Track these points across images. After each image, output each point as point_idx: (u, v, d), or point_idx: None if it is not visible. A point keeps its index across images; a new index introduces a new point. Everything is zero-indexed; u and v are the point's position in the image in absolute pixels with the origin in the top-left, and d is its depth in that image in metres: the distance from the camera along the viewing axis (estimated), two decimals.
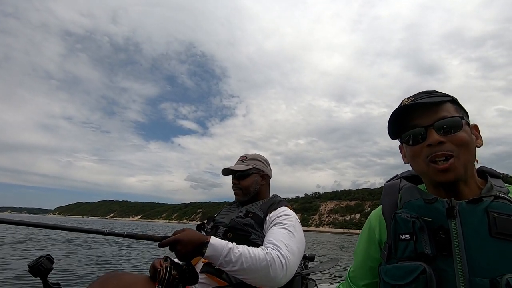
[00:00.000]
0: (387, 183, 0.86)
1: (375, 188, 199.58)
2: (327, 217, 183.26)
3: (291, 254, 1.09)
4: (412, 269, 0.63)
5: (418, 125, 0.71)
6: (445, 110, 0.70)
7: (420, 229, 0.65)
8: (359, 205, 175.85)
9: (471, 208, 0.63)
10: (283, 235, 1.15)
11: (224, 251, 1.02)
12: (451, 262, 0.61)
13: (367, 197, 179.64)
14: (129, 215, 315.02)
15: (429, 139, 0.68)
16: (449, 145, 0.67)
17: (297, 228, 1.24)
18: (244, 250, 1.04)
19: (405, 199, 0.73)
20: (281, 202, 1.40)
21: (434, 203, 0.67)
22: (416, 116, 0.72)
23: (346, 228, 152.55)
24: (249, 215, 1.33)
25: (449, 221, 0.63)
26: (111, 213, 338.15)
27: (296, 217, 1.31)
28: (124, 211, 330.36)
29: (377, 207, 0.85)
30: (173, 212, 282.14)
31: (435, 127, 0.68)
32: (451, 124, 0.68)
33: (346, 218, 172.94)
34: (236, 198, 1.50)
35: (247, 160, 1.53)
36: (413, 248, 0.65)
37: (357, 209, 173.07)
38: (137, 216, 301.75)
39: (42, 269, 1.00)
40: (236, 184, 1.48)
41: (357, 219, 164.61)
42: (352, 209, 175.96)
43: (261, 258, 1.02)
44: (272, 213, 1.30)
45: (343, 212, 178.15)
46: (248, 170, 1.48)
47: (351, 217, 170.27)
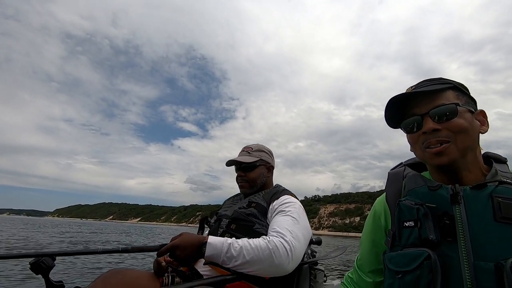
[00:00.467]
0: (391, 171, 0.86)
1: (374, 191, 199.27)
2: (326, 220, 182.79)
3: (296, 241, 1.08)
4: (416, 255, 0.63)
5: (416, 113, 0.73)
6: (444, 97, 0.71)
7: (425, 215, 0.65)
8: (358, 208, 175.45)
9: (475, 193, 0.63)
10: (287, 222, 1.14)
11: (224, 247, 1.01)
12: (455, 247, 0.61)
13: (367, 200, 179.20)
14: (128, 217, 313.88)
15: (424, 127, 0.70)
16: (445, 132, 0.69)
17: (301, 214, 1.23)
18: (244, 243, 1.03)
19: (409, 186, 0.74)
20: (284, 191, 1.38)
21: (438, 189, 0.67)
22: (414, 104, 0.74)
23: (346, 231, 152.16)
24: (252, 205, 1.31)
25: (454, 207, 0.64)
26: (110, 215, 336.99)
27: (300, 204, 1.30)
28: (123, 213, 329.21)
29: None
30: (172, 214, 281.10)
31: (431, 115, 0.70)
32: (446, 111, 0.69)
33: (345, 221, 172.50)
34: (241, 190, 1.47)
35: (253, 152, 1.49)
36: (417, 234, 0.65)
37: (356, 212, 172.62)
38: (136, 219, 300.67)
39: (44, 266, 0.99)
40: (242, 177, 1.44)
41: (357, 222, 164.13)
42: (351, 212, 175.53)
43: (263, 248, 1.01)
44: (275, 202, 1.29)
45: (343, 215, 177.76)
46: (255, 162, 1.45)
47: (351, 220, 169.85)
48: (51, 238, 10.21)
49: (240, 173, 1.46)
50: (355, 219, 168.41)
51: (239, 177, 1.46)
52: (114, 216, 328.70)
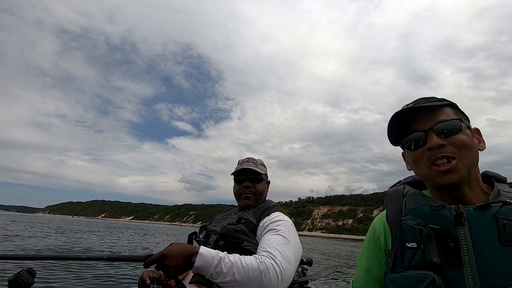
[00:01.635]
0: (391, 189, 0.83)
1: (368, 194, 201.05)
2: (319, 221, 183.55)
3: (286, 262, 1.04)
4: (420, 279, 0.61)
5: (418, 129, 0.71)
6: (444, 114, 0.71)
7: (428, 237, 0.63)
8: (351, 210, 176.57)
9: (479, 214, 0.61)
10: (277, 242, 1.11)
11: (215, 261, 0.97)
12: (461, 271, 0.59)
13: (360, 203, 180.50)
14: (120, 215, 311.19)
15: (429, 142, 0.68)
16: (450, 148, 0.67)
17: (292, 234, 1.19)
18: (235, 260, 0.99)
19: (410, 205, 0.71)
20: (275, 207, 1.35)
21: (441, 210, 0.65)
22: (415, 121, 0.72)
23: (339, 233, 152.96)
24: (241, 221, 1.28)
25: (458, 228, 0.62)
26: (102, 213, 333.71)
27: (291, 222, 1.27)
28: (116, 211, 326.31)
29: (369, 213, 1.36)
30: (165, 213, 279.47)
31: (435, 130, 0.69)
32: (450, 127, 0.68)
33: (338, 223, 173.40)
34: (244, 202, 1.40)
35: (259, 165, 1.46)
36: (420, 256, 0.63)
37: (349, 215, 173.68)
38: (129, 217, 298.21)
39: (22, 283, 0.95)
40: (250, 188, 1.40)
41: (350, 224, 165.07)
42: (344, 215, 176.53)
43: (254, 268, 0.97)
44: (265, 219, 1.26)
45: (336, 217, 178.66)
46: (263, 175, 1.43)
47: (344, 222, 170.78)
48: (39, 246, 9.89)
49: (247, 184, 1.40)
50: (347, 221, 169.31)
51: (245, 188, 1.40)
52: (107, 214, 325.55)
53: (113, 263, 0.99)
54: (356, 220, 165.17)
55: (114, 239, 15.98)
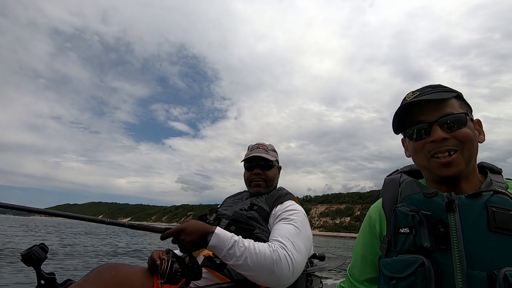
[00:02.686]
0: (388, 177, 0.86)
1: (365, 192, 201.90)
2: (317, 220, 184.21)
3: (297, 253, 1.04)
4: (411, 262, 0.64)
5: (423, 121, 0.72)
6: (450, 106, 0.71)
7: (420, 222, 0.65)
8: (349, 208, 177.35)
9: (470, 202, 0.64)
10: (290, 231, 1.10)
11: (230, 243, 0.98)
12: (449, 255, 0.62)
13: (357, 201, 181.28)
14: (118, 217, 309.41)
15: (432, 135, 0.69)
16: (452, 141, 0.68)
17: (304, 224, 1.19)
18: (249, 245, 1.00)
19: (405, 193, 0.74)
20: (288, 195, 1.34)
21: (433, 197, 0.68)
22: (420, 111, 0.72)
23: (336, 231, 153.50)
24: (253, 208, 1.26)
25: (448, 215, 0.65)
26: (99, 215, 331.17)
27: (304, 212, 1.26)
28: (113, 213, 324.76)
29: (366, 210, 0.86)
30: (163, 214, 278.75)
31: (439, 123, 0.69)
32: (456, 121, 0.69)
33: (336, 221, 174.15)
34: (255, 189, 1.39)
35: (269, 151, 1.45)
36: (412, 241, 0.66)
37: (347, 213, 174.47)
38: (126, 218, 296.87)
39: (35, 258, 0.97)
40: (260, 175, 1.38)
41: (347, 222, 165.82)
42: (342, 213, 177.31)
43: (266, 256, 0.98)
44: (278, 207, 1.25)
45: (333, 216, 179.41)
46: (274, 161, 1.42)
47: (341, 221, 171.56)
48: (51, 224, 9.93)
49: (258, 171, 1.39)
50: (345, 219, 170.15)
51: (255, 175, 1.39)
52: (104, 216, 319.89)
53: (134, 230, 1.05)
54: (353, 218, 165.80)
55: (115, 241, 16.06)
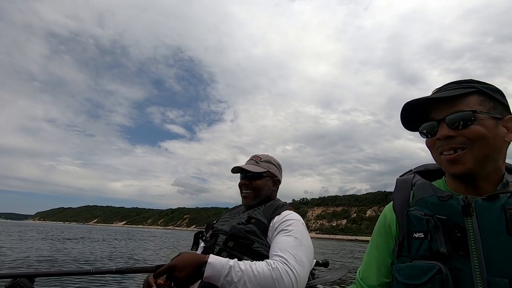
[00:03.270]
0: (400, 178, 0.83)
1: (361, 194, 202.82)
2: (314, 223, 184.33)
3: (300, 266, 1.01)
4: (427, 269, 0.62)
5: (433, 118, 0.71)
6: (464, 103, 0.68)
7: (435, 227, 0.63)
8: (345, 211, 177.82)
9: (487, 205, 0.61)
10: (290, 244, 1.07)
11: (225, 270, 0.95)
12: (468, 261, 0.60)
13: (354, 203, 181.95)
14: (113, 220, 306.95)
15: (438, 133, 0.69)
16: (460, 139, 0.66)
17: (304, 234, 1.15)
18: (246, 268, 0.96)
19: (418, 195, 0.72)
20: (285, 205, 1.32)
21: (448, 200, 0.65)
22: (434, 108, 0.72)
23: (333, 233, 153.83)
24: (251, 221, 1.22)
25: (465, 219, 0.62)
26: (94, 219, 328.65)
27: (302, 221, 1.23)
28: (108, 216, 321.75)
29: (362, 213, 1.14)
30: (159, 217, 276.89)
31: (446, 121, 0.68)
32: (461, 119, 0.67)
33: (332, 223, 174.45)
34: (244, 201, 1.38)
35: (261, 162, 1.42)
36: (427, 247, 0.63)
37: (343, 215, 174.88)
38: (122, 222, 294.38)
39: None
40: (247, 185, 1.36)
41: (344, 225, 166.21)
42: (338, 215, 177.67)
43: (266, 276, 0.94)
44: (276, 218, 1.22)
45: (330, 218, 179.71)
46: (262, 172, 1.37)
47: (338, 223, 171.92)
48: (38, 248, 9.58)
49: (245, 182, 1.37)
50: (341, 222, 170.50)
51: (243, 185, 1.38)
52: (99, 220, 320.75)
53: (123, 276, 1.02)
54: (350, 220, 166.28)
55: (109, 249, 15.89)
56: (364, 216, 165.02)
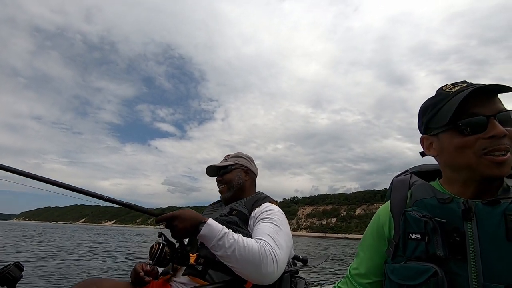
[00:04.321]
0: (396, 178, 0.82)
1: (350, 193, 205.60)
2: (304, 221, 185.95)
3: (279, 249, 1.07)
4: (423, 270, 0.61)
5: (478, 113, 0.64)
6: (500, 102, 0.65)
7: (433, 230, 0.62)
8: (335, 209, 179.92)
9: (488, 210, 0.60)
10: (270, 229, 1.14)
11: (220, 234, 1.01)
12: (465, 266, 0.59)
13: (343, 202, 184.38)
14: (102, 220, 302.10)
15: (493, 129, 0.62)
16: (508, 140, 0.63)
17: (283, 222, 1.22)
18: (239, 238, 1.03)
19: (416, 196, 0.71)
20: (266, 198, 1.38)
21: (449, 203, 0.64)
22: (473, 103, 0.64)
23: (323, 232, 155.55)
24: (233, 213, 1.30)
25: (465, 223, 0.61)
26: (82, 218, 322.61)
27: (282, 211, 1.30)
28: (97, 216, 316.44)
29: (352, 211, 1.06)
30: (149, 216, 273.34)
31: (499, 118, 0.63)
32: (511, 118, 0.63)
33: (322, 222, 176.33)
34: (222, 196, 1.48)
35: (230, 158, 1.55)
36: (424, 248, 0.63)
37: (333, 214, 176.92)
38: (111, 221, 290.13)
39: (10, 278, 0.94)
40: (220, 180, 1.48)
41: (333, 223, 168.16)
42: (328, 214, 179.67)
43: (254, 250, 1.01)
44: (257, 209, 1.29)
45: (320, 217, 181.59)
46: (230, 165, 1.49)
47: (328, 221, 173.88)
48: (27, 239, 9.51)
49: (218, 178, 1.49)
50: (331, 220, 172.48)
51: (217, 182, 1.49)
52: (87, 219, 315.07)
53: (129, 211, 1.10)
54: (340, 218, 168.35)
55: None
56: (354, 214, 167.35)
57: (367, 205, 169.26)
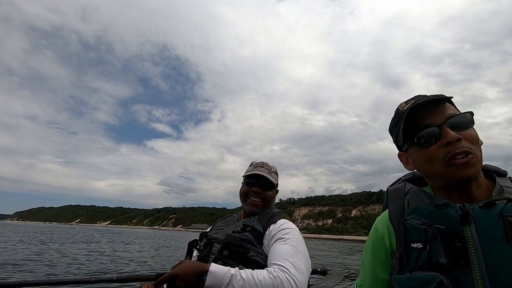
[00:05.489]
0: (391, 187, 0.82)
1: (346, 195, 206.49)
2: (301, 222, 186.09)
3: (299, 274, 1.01)
4: (428, 280, 0.60)
5: (430, 124, 0.67)
6: (450, 108, 0.68)
7: (433, 237, 0.62)
8: (331, 210, 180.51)
9: (485, 213, 0.60)
10: (288, 252, 1.07)
11: (227, 278, 0.95)
12: (469, 272, 0.58)
13: (339, 203, 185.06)
14: (96, 220, 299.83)
15: (446, 137, 0.64)
16: (465, 142, 0.64)
17: (300, 242, 1.16)
18: (248, 276, 0.96)
19: (413, 204, 0.70)
20: (280, 214, 1.31)
21: (446, 208, 0.63)
22: (424, 116, 0.68)
23: (319, 233, 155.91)
24: (246, 229, 1.22)
25: (464, 228, 0.60)
26: (77, 219, 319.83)
27: (298, 229, 1.23)
28: (92, 216, 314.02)
29: (348, 213, 1.24)
30: (144, 217, 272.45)
31: (448, 124, 0.65)
32: (463, 121, 0.66)
33: (318, 223, 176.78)
34: (251, 208, 1.34)
35: (272, 173, 1.41)
36: (426, 257, 0.62)
37: (329, 215, 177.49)
38: (106, 222, 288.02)
39: None
40: (259, 193, 1.33)
41: (329, 224, 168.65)
42: (324, 215, 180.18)
43: (267, 284, 0.95)
44: (272, 227, 1.21)
45: (316, 218, 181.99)
46: (275, 184, 1.39)
47: (324, 222, 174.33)
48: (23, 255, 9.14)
49: (257, 189, 1.34)
50: (327, 221, 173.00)
51: (253, 193, 1.34)
52: (82, 220, 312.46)
53: (123, 284, 1.03)
54: (335, 220, 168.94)
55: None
56: (350, 215, 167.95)
57: (363, 206, 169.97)
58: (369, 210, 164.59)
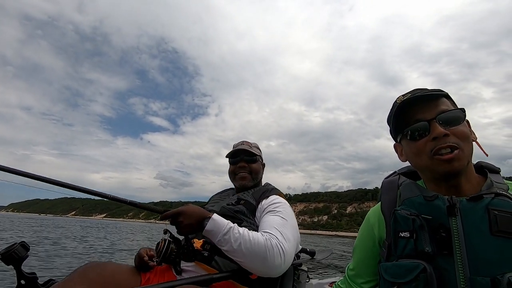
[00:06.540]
0: (386, 180, 0.85)
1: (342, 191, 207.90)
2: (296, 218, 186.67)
3: (287, 242, 1.06)
4: (412, 268, 0.63)
5: (421, 119, 0.71)
6: (445, 104, 0.71)
7: (420, 227, 0.65)
8: (327, 207, 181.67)
9: (472, 205, 0.63)
10: (277, 222, 1.13)
11: (225, 229, 1.01)
12: (451, 261, 0.62)
13: (335, 200, 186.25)
14: (92, 213, 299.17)
15: (433, 132, 0.68)
16: (452, 138, 0.67)
17: (290, 215, 1.22)
18: (244, 232, 1.02)
19: (404, 195, 0.74)
20: (273, 190, 1.38)
21: (434, 200, 0.67)
22: (417, 111, 0.72)
23: (314, 229, 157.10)
24: (240, 202, 1.30)
25: (450, 219, 0.64)
26: (72, 211, 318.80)
27: (288, 204, 1.30)
28: (87, 209, 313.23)
29: (343, 209, 1.26)
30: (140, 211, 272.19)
31: (438, 120, 0.69)
32: (454, 117, 0.69)
33: (314, 219, 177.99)
34: (241, 183, 1.42)
35: (253, 147, 1.51)
36: (413, 246, 0.65)
37: (324, 211, 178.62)
38: (101, 215, 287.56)
39: (16, 257, 0.94)
40: (245, 167, 1.43)
41: (325, 221, 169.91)
42: (320, 211, 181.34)
43: (260, 243, 1.00)
44: (264, 201, 1.28)
45: (312, 214, 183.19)
46: (257, 156, 1.47)
47: (319, 219, 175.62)
48: (32, 221, 9.46)
49: (243, 164, 1.44)
50: (323, 218, 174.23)
51: (241, 168, 1.44)
52: (77, 212, 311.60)
53: (133, 208, 1.18)
54: (331, 216, 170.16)
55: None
56: (345, 212, 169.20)
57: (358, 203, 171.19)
58: (364, 207, 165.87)
